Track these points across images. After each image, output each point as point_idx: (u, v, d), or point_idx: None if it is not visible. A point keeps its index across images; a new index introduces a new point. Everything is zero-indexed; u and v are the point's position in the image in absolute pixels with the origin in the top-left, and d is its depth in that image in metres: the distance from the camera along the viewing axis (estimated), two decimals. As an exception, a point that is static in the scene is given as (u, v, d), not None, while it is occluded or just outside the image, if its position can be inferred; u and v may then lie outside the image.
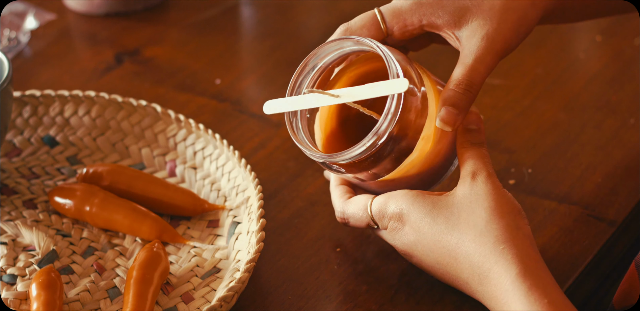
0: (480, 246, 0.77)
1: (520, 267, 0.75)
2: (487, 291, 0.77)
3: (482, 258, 0.77)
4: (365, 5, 1.23)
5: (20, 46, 1.15)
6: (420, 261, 0.82)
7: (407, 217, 0.81)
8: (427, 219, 0.80)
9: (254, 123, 1.04)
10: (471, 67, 0.83)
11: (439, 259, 0.80)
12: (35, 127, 1.00)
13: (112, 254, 0.89)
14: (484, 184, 0.80)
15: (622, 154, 0.99)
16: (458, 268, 0.79)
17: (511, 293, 0.75)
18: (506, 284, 0.75)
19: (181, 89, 1.09)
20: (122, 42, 1.17)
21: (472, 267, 0.78)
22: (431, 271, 0.82)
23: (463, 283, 0.80)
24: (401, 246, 0.83)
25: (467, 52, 0.83)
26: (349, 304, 0.85)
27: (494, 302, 0.77)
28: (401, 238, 0.82)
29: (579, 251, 0.89)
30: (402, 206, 0.81)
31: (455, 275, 0.80)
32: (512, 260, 0.76)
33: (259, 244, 0.84)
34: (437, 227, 0.79)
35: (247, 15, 1.22)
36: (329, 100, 0.81)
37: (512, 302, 0.75)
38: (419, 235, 0.81)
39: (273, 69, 1.13)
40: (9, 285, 0.86)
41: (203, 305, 0.84)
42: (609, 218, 0.92)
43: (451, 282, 0.81)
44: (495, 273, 0.76)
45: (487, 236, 0.77)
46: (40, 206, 0.93)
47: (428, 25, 0.85)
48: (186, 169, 0.96)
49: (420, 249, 0.81)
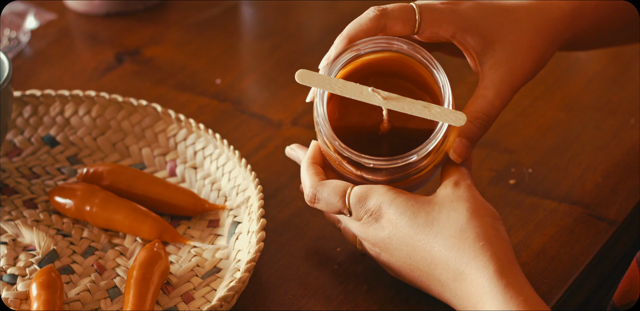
0: (459, 242, 0.77)
1: (497, 265, 0.75)
2: (460, 288, 0.77)
3: (460, 253, 0.77)
4: (365, 5, 1.23)
5: (21, 46, 1.15)
6: (390, 256, 0.81)
7: (386, 211, 0.80)
8: (407, 214, 0.79)
9: (255, 123, 1.04)
10: (492, 102, 0.83)
11: (412, 253, 0.79)
12: (36, 127, 1.00)
13: (112, 254, 0.89)
14: (466, 189, 0.80)
15: (622, 154, 0.99)
16: (432, 264, 0.78)
17: (487, 290, 0.75)
18: (483, 280, 0.75)
19: (181, 88, 1.09)
20: (123, 42, 1.17)
21: (448, 262, 0.77)
22: (399, 268, 0.81)
23: (434, 281, 0.79)
24: (372, 240, 0.81)
25: (489, 83, 0.84)
26: (349, 304, 0.85)
27: (466, 300, 0.76)
28: (375, 231, 0.81)
29: (579, 251, 0.89)
30: (383, 200, 0.80)
31: (427, 272, 0.79)
32: (490, 257, 0.76)
33: (260, 244, 0.84)
34: (417, 220, 0.79)
35: (247, 15, 1.22)
36: (370, 97, 0.79)
37: (488, 300, 0.75)
38: (395, 229, 0.80)
39: (273, 68, 1.13)
40: (9, 285, 0.86)
41: (203, 304, 0.84)
42: (609, 217, 0.92)
43: (419, 281, 0.80)
44: (473, 268, 0.76)
45: (467, 233, 0.77)
46: (41, 205, 0.93)
47: (459, 40, 0.85)
48: (186, 169, 0.97)
49: (393, 243, 0.80)
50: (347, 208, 0.82)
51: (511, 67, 0.84)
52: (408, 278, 0.81)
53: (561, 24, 0.87)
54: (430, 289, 0.80)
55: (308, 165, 0.85)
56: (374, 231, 0.81)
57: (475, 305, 0.75)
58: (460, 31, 0.84)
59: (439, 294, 0.79)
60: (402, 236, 0.79)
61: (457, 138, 0.82)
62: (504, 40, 0.85)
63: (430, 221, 0.78)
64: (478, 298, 0.75)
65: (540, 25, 0.86)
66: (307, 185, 0.84)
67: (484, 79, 0.84)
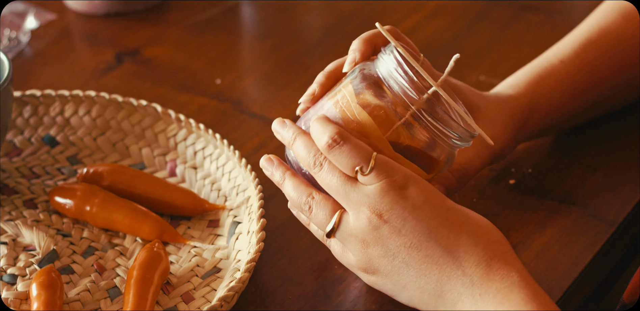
0: (488, 234, 0.75)
1: (520, 265, 0.75)
2: (480, 275, 0.73)
3: (490, 245, 0.74)
4: (365, 5, 1.23)
5: (21, 46, 1.15)
6: (402, 229, 0.75)
7: (415, 183, 0.75)
8: (438, 193, 0.76)
9: (255, 123, 1.04)
10: (471, 160, 0.86)
11: (435, 229, 0.74)
12: (36, 127, 1.00)
13: (112, 254, 0.89)
14: None
15: (622, 155, 0.99)
16: (454, 244, 0.74)
17: (514, 280, 0.73)
18: (511, 272, 0.73)
19: (181, 89, 1.09)
20: (123, 42, 1.17)
21: (476, 247, 0.74)
22: (405, 242, 0.75)
23: (446, 262, 0.74)
24: (389, 202, 0.74)
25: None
26: (349, 304, 0.85)
27: (484, 287, 0.73)
28: (395, 198, 0.75)
29: (579, 251, 0.89)
30: (413, 174, 0.76)
31: (444, 249, 0.74)
32: (514, 257, 0.75)
33: (260, 244, 0.84)
34: (449, 203, 0.76)
35: (247, 15, 1.22)
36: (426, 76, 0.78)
37: (511, 289, 0.72)
38: (423, 200, 0.75)
39: (273, 68, 1.13)
40: (9, 285, 0.86)
41: (203, 304, 0.84)
42: (609, 218, 0.92)
43: (422, 261, 0.74)
44: (501, 259, 0.73)
45: (493, 225, 0.76)
46: (41, 206, 0.93)
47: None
48: (186, 169, 0.97)
49: (415, 216, 0.74)
50: (372, 164, 0.74)
51: (489, 134, 0.87)
52: (406, 257, 0.75)
53: (520, 114, 0.92)
54: (430, 272, 0.74)
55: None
56: (394, 197, 0.74)
57: (497, 294, 0.72)
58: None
59: (441, 279, 0.74)
60: (429, 210, 0.74)
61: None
62: (481, 113, 0.88)
63: (459, 209, 0.76)
64: (503, 287, 0.73)
65: (505, 110, 0.90)
66: (330, 128, 0.76)
67: None
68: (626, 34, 0.97)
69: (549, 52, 0.97)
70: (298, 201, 0.79)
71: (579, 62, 0.96)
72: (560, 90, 0.94)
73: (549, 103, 0.94)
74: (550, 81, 0.94)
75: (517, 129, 0.91)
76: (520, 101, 0.92)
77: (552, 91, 0.94)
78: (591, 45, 0.96)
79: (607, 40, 0.96)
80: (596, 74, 0.96)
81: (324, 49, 1.16)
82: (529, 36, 1.17)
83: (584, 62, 0.96)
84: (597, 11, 1.00)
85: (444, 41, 1.16)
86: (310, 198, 0.79)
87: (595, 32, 0.97)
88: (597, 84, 0.96)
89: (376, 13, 1.21)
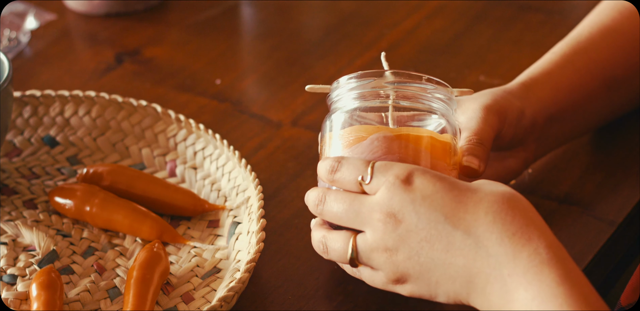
0: (507, 208, 0.71)
1: (551, 239, 0.70)
2: (505, 253, 0.70)
3: (509, 218, 0.71)
4: (365, 5, 1.23)
5: (21, 46, 1.15)
6: (418, 220, 0.73)
7: (420, 176, 0.74)
8: (446, 180, 0.73)
9: (255, 123, 1.04)
10: (476, 129, 0.85)
11: (449, 214, 0.72)
12: (36, 128, 1.00)
13: (112, 255, 0.89)
14: (497, 183, 0.76)
15: (622, 154, 0.99)
16: (473, 224, 0.71)
17: (543, 258, 0.69)
18: (538, 248, 0.69)
19: (181, 89, 1.09)
20: (122, 42, 1.17)
21: (494, 224, 0.71)
22: (424, 235, 0.72)
23: (468, 246, 0.71)
24: (400, 200, 0.73)
25: (467, 118, 0.86)
26: (349, 304, 0.85)
27: (511, 266, 0.69)
28: (402, 195, 0.73)
29: (579, 251, 0.89)
30: (414, 168, 0.75)
31: (463, 233, 0.71)
32: (542, 229, 0.71)
33: (259, 244, 0.84)
34: (459, 185, 0.73)
35: (247, 15, 1.22)
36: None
37: (541, 269, 0.68)
38: (432, 190, 0.73)
39: (273, 69, 1.13)
40: (9, 285, 0.86)
41: (203, 305, 0.84)
42: (609, 218, 0.92)
43: (446, 250, 0.72)
44: (524, 234, 0.70)
45: (516, 202, 0.72)
46: (41, 206, 0.93)
47: None
48: (186, 170, 0.97)
49: (426, 205, 0.73)
50: (370, 172, 0.75)
51: (481, 102, 0.87)
52: (429, 250, 0.73)
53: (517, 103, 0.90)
54: (455, 259, 0.72)
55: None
56: (401, 195, 0.73)
57: (525, 274, 0.69)
58: None
59: (467, 264, 0.71)
60: (440, 197, 0.72)
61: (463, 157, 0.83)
62: (468, 99, 0.88)
63: (474, 189, 0.73)
64: (532, 266, 0.69)
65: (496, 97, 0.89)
66: (328, 160, 0.78)
67: (464, 121, 0.87)
68: (626, 32, 0.96)
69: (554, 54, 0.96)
70: (317, 246, 0.80)
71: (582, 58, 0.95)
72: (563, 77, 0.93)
73: (554, 86, 0.93)
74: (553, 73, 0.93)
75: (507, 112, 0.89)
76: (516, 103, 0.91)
77: (556, 77, 0.93)
78: (592, 45, 0.96)
79: (608, 38, 0.96)
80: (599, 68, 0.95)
81: (324, 49, 1.16)
82: (529, 36, 1.17)
83: (586, 58, 0.95)
84: (596, 11, 1.00)
85: (444, 41, 1.16)
86: (322, 238, 0.79)
87: (596, 30, 0.97)
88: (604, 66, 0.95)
89: (376, 13, 1.21)
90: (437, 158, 0.80)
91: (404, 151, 0.79)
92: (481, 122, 0.85)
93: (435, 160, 0.80)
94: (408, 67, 1.11)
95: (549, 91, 0.92)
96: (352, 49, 1.15)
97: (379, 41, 1.16)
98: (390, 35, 1.17)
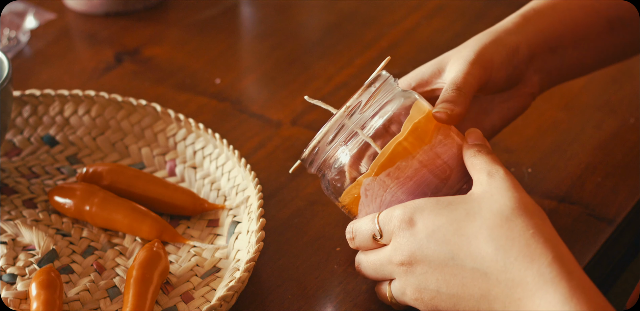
0: (506, 230, 0.73)
1: (554, 252, 0.71)
2: (512, 279, 0.72)
3: (509, 242, 0.72)
4: (365, 5, 1.23)
5: (20, 46, 1.15)
6: (430, 263, 0.76)
7: (419, 216, 0.76)
8: (443, 213, 0.75)
9: (254, 123, 1.04)
10: (454, 77, 0.84)
11: (455, 251, 0.74)
12: (35, 127, 1.00)
13: (112, 254, 0.89)
14: (503, 180, 0.76)
15: (622, 154, 0.99)
16: (478, 256, 0.73)
17: (547, 277, 0.70)
18: (541, 268, 0.71)
19: (181, 88, 1.09)
20: (122, 41, 1.17)
21: (497, 253, 0.72)
22: (438, 278, 0.76)
23: (479, 279, 0.74)
24: (408, 249, 0.77)
25: (449, 73, 0.86)
26: (348, 304, 0.85)
27: (519, 291, 0.71)
28: (411, 237, 0.76)
29: (579, 251, 0.89)
30: (413, 206, 0.77)
31: (472, 268, 0.74)
32: (544, 244, 0.72)
33: (259, 243, 0.84)
34: (455, 216, 0.75)
35: (247, 14, 1.22)
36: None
37: (549, 288, 0.70)
38: (434, 228, 0.75)
39: (273, 68, 1.13)
40: (8, 285, 0.86)
41: (203, 304, 0.84)
42: (608, 217, 0.92)
43: (461, 288, 0.75)
44: (527, 256, 0.71)
45: (513, 221, 0.73)
46: (40, 205, 0.93)
47: (418, 86, 0.88)
48: (186, 169, 0.96)
49: (432, 245, 0.75)
50: (378, 229, 0.79)
51: (464, 54, 0.86)
52: (445, 292, 0.76)
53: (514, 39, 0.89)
54: (470, 294, 0.75)
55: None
56: (412, 237, 0.76)
57: (533, 295, 0.71)
58: (414, 81, 0.88)
59: (482, 296, 0.74)
60: (443, 235, 0.75)
61: (437, 105, 0.82)
62: (454, 51, 0.88)
63: (471, 215, 0.74)
64: (537, 287, 0.70)
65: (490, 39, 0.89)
66: (347, 228, 0.83)
67: (447, 76, 0.86)
68: None
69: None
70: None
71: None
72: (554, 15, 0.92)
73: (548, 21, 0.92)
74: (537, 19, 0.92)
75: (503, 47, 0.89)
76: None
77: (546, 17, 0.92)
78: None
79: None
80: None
81: (323, 49, 1.16)
82: (528, 36, 1.17)
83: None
84: None
85: (444, 41, 1.16)
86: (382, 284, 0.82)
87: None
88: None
89: (376, 13, 1.21)
90: (441, 134, 0.81)
91: (418, 166, 0.80)
92: (461, 75, 0.84)
93: (442, 136, 0.81)
94: (407, 67, 1.11)
95: (549, 22, 0.91)
96: (352, 48, 1.15)
97: (378, 41, 1.16)
98: (390, 35, 1.17)
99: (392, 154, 0.80)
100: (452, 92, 0.83)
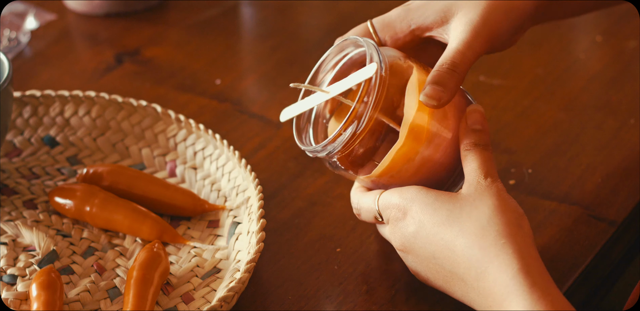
0: (480, 239, 0.76)
1: (521, 263, 0.74)
2: (484, 287, 0.75)
3: (482, 251, 0.76)
4: (365, 5, 1.23)
5: (21, 46, 1.15)
6: (416, 257, 0.80)
7: (410, 207, 0.80)
8: (428, 210, 0.79)
9: (254, 123, 1.04)
10: (455, 49, 0.83)
11: (436, 252, 0.79)
12: (36, 128, 1.00)
13: (112, 255, 0.89)
14: (488, 187, 0.79)
15: (622, 155, 0.99)
16: (455, 262, 0.77)
17: (512, 289, 0.73)
18: (507, 279, 0.74)
19: (181, 89, 1.09)
20: (123, 42, 1.17)
21: (470, 261, 0.76)
22: (425, 270, 0.80)
23: (458, 281, 0.78)
24: (400, 239, 0.81)
25: (452, 38, 0.84)
26: (349, 304, 0.85)
27: (490, 299, 0.75)
28: (401, 229, 0.80)
29: (579, 251, 0.89)
30: (406, 196, 0.80)
31: (450, 270, 0.78)
32: (513, 254, 0.75)
33: (259, 244, 0.84)
34: (438, 218, 0.78)
35: (247, 15, 1.22)
36: (322, 96, 0.83)
37: (513, 299, 0.73)
38: (418, 226, 0.79)
39: (273, 69, 1.13)
40: (9, 285, 0.86)
41: (203, 305, 0.84)
42: (609, 218, 0.92)
43: (444, 282, 0.79)
44: (495, 267, 0.75)
45: (488, 230, 0.76)
46: (41, 206, 0.93)
47: (417, 29, 0.86)
48: (186, 170, 0.97)
49: (418, 242, 0.79)
50: (378, 211, 0.83)
51: (471, 17, 0.84)
52: (433, 280, 0.81)
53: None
54: (454, 290, 0.79)
55: (356, 181, 0.87)
56: (400, 229, 0.81)
57: (501, 305, 0.74)
58: (414, 22, 0.86)
59: (462, 295, 0.78)
60: (426, 235, 0.79)
61: (426, 86, 0.80)
62: (461, 3, 0.85)
63: (452, 220, 0.78)
64: (503, 298, 0.74)
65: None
66: (351, 197, 0.87)
67: (449, 38, 0.84)
68: None
69: None
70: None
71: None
72: None
73: None
74: None
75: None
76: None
77: None
78: None
79: None
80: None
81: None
82: (529, 36, 1.17)
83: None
84: None
85: (444, 41, 1.16)
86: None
87: None
88: None
89: (376, 13, 1.21)
90: (436, 120, 0.81)
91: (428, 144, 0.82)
92: (461, 48, 0.83)
93: (438, 125, 0.81)
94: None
95: None
96: (352, 49, 1.15)
97: (379, 41, 1.16)
98: (390, 35, 1.17)
99: (393, 162, 0.81)
100: (446, 72, 0.81)
